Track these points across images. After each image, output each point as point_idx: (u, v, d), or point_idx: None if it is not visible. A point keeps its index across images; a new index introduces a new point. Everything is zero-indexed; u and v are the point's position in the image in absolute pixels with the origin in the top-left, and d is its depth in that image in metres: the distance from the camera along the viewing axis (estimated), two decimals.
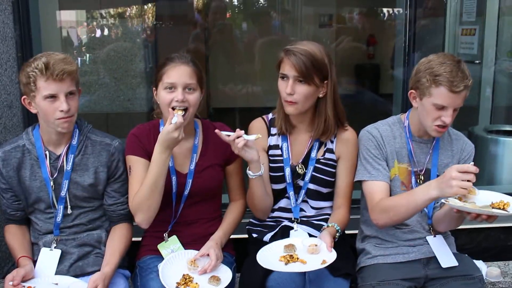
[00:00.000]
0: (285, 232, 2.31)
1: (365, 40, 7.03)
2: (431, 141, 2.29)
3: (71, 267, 2.19)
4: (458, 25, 4.69)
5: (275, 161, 2.34)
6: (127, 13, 5.18)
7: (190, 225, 2.32)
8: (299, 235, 2.27)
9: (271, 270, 2.06)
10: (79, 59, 4.80)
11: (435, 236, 2.31)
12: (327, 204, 2.38)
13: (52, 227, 2.23)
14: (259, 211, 2.35)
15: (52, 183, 2.18)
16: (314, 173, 2.31)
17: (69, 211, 2.21)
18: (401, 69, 3.47)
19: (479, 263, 2.83)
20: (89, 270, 2.19)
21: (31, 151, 2.19)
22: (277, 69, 2.25)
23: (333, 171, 2.34)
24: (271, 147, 2.36)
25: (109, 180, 2.25)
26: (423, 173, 2.28)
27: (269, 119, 2.40)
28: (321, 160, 2.32)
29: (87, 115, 4.38)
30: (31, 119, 2.89)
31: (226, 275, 2.11)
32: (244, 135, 2.07)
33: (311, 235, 2.29)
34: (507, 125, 4.44)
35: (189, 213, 2.31)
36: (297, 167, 2.33)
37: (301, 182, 2.33)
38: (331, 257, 2.06)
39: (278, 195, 2.36)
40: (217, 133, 2.09)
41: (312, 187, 2.33)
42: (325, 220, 2.34)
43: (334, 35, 6.80)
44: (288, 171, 2.31)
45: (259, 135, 2.13)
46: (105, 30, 5.01)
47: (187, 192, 2.27)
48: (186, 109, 2.15)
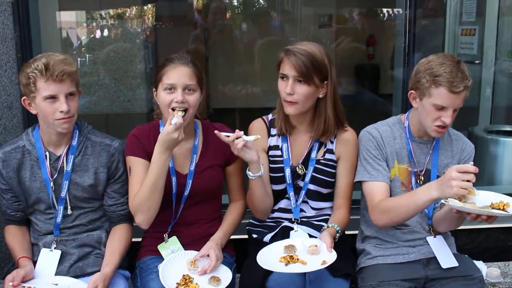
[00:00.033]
0: (285, 232, 2.31)
1: (365, 40, 7.01)
2: (431, 141, 2.29)
3: (71, 267, 2.19)
4: (458, 25, 4.69)
5: (275, 161, 2.34)
6: (127, 14, 5.17)
7: (190, 225, 2.32)
8: (299, 236, 2.27)
9: (271, 270, 2.06)
10: (79, 60, 4.79)
11: (435, 236, 2.31)
12: (327, 204, 2.38)
13: (52, 227, 2.23)
14: (259, 212, 2.35)
15: (52, 183, 2.18)
16: (314, 173, 2.31)
17: (69, 211, 2.21)
18: (401, 70, 3.47)
19: (479, 264, 2.83)
20: (89, 270, 2.19)
21: (31, 152, 2.19)
22: (277, 69, 2.25)
23: (333, 171, 2.34)
24: (271, 148, 2.36)
25: (109, 180, 2.25)
26: (423, 173, 2.28)
27: (269, 120, 2.40)
28: (321, 160, 2.32)
29: (87, 116, 4.39)
30: (31, 120, 2.89)
31: (226, 275, 2.11)
32: (243, 136, 2.07)
33: (311, 236, 2.28)
34: (507, 125, 4.44)
35: (189, 213, 2.31)
36: (297, 168, 2.33)
37: (301, 182, 2.33)
38: (331, 257, 2.06)
39: (278, 195, 2.36)
40: (217, 133, 2.09)
41: (312, 187, 2.32)
42: (325, 220, 2.34)
43: (334, 36, 6.78)
44: (288, 172, 2.31)
45: (258, 136, 2.13)
46: (105, 31, 5.01)
47: (187, 192, 2.27)
48: (186, 110, 2.15)
